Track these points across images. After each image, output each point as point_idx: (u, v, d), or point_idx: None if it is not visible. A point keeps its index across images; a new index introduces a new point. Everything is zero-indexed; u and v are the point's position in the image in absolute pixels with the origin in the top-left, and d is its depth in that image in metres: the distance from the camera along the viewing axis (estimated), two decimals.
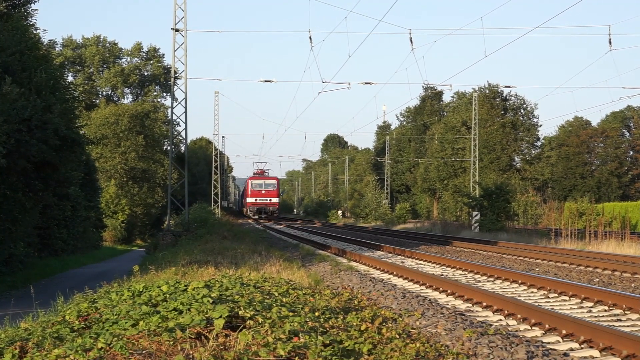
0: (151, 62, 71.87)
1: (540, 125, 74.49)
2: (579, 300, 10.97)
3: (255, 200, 71.53)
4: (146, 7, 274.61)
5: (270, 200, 71.84)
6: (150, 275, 13.85)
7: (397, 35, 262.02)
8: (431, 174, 73.64)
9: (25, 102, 17.29)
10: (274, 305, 7.65)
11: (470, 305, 10.57)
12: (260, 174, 76.04)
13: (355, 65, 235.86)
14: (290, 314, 7.27)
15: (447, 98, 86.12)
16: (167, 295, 8.13)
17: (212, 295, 7.65)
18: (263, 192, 71.47)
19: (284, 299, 8.48)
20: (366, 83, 35.37)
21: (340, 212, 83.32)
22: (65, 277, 24.95)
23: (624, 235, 28.50)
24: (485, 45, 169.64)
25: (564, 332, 8.08)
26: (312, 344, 6.01)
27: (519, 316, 9.23)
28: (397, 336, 7.17)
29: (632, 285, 13.32)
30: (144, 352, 5.79)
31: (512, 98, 70.79)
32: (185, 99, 32.28)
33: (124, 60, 71.70)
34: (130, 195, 56.91)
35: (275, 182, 73.76)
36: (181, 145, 59.74)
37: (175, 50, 31.55)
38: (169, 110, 37.18)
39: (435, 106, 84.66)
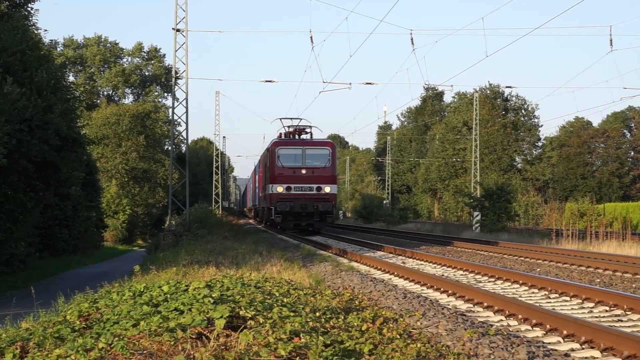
0: (152, 62, 71.90)
1: (541, 126, 74.70)
2: (580, 301, 10.97)
3: (288, 188, 33.00)
4: (147, 7, 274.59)
5: (318, 189, 33.02)
6: (151, 275, 13.85)
7: (398, 36, 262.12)
8: (432, 174, 73.67)
9: (27, 102, 17.31)
10: (275, 305, 7.65)
11: (471, 305, 10.56)
12: (297, 133, 36.05)
13: (356, 66, 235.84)
14: (291, 314, 7.27)
15: (448, 98, 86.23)
16: (168, 296, 8.13)
17: (213, 296, 7.65)
18: (303, 172, 33.10)
19: (285, 299, 8.48)
20: (367, 83, 35.37)
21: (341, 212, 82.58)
22: (66, 277, 24.96)
23: (625, 236, 28.49)
24: (487, 45, 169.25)
25: (565, 332, 8.07)
26: (313, 344, 6.01)
27: (520, 316, 9.22)
28: (398, 336, 7.17)
29: (633, 285, 13.31)
30: (144, 352, 5.79)
31: (513, 98, 70.91)
32: (186, 99, 32.33)
33: (125, 60, 71.78)
34: (131, 195, 56.96)
35: (328, 150, 33.94)
36: (182, 145, 59.77)
37: (176, 50, 31.58)
38: (170, 110, 37.22)
39: (436, 106, 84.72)
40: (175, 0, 31.05)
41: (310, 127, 35.64)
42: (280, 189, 32.89)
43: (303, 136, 35.67)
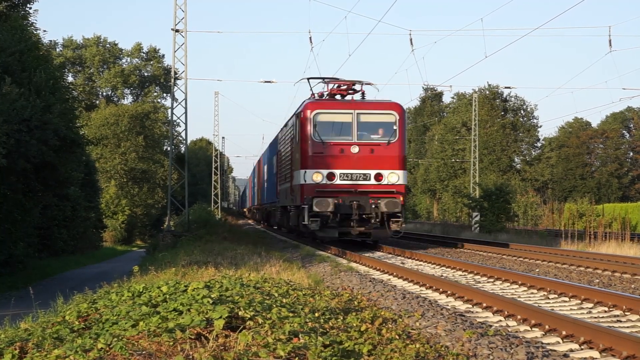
0: (151, 62, 71.92)
1: (540, 126, 74.81)
2: (579, 301, 10.96)
3: (330, 176, 21.25)
4: (146, 7, 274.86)
5: (379, 177, 21.32)
6: (150, 275, 13.85)
7: (397, 36, 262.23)
8: (431, 174, 73.70)
9: (25, 102, 17.32)
10: (274, 305, 7.65)
11: (470, 306, 10.56)
12: (341, 93, 23.36)
13: (355, 66, 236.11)
14: (290, 314, 7.27)
15: (447, 99, 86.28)
16: (167, 296, 8.13)
17: (212, 296, 7.65)
18: (355, 150, 21.25)
19: (284, 300, 8.48)
20: (366, 84, 35.26)
21: None
22: (65, 277, 24.97)
23: (624, 237, 28.49)
24: (486, 46, 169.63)
25: (564, 333, 8.07)
26: (312, 344, 6.01)
27: (519, 317, 9.22)
28: (397, 337, 7.17)
29: (632, 286, 13.31)
30: (144, 352, 5.79)
31: (512, 99, 70.99)
32: (185, 99, 32.32)
33: (124, 60, 71.83)
34: (130, 196, 56.98)
35: (394, 117, 21.60)
36: (181, 145, 59.78)
37: (175, 51, 31.57)
38: (169, 110, 37.20)
39: (435, 107, 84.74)
40: (174, 0, 31.06)
41: (362, 83, 23.23)
42: (317, 177, 21.08)
43: (350, 92, 23.26)
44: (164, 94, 70.91)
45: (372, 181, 21.23)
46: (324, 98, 23.31)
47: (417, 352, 6.57)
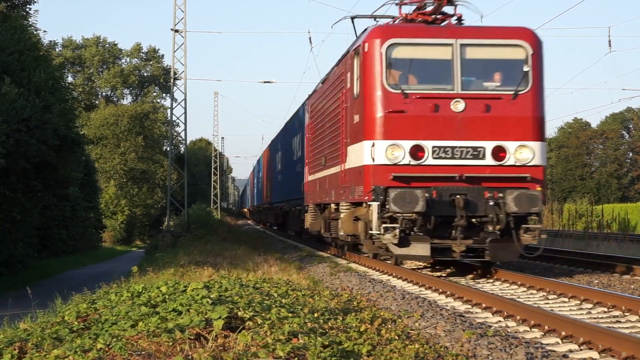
0: (151, 62, 71.94)
1: None
2: (579, 302, 10.96)
3: (416, 152, 12.28)
4: (146, 7, 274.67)
5: (499, 154, 12.42)
6: (150, 276, 13.85)
7: None
8: None
9: (25, 102, 17.33)
10: (273, 306, 7.64)
11: (470, 306, 10.56)
12: (424, 16, 13.65)
13: None
14: (290, 315, 7.27)
15: None
16: (167, 296, 8.13)
17: (212, 296, 7.65)
18: (458, 107, 12.25)
19: (283, 300, 8.48)
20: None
21: None
22: (64, 277, 24.97)
23: (623, 237, 28.48)
24: None
25: (563, 333, 8.06)
26: (311, 345, 6.01)
27: (518, 317, 9.22)
28: (397, 337, 7.16)
29: (632, 287, 13.30)
30: (143, 352, 5.79)
31: None
32: (185, 99, 32.36)
33: (123, 60, 71.86)
34: (129, 196, 56.99)
35: (523, 51, 12.40)
36: (181, 146, 59.78)
37: (174, 51, 31.60)
38: (169, 111, 37.23)
39: None
40: (174, 0, 31.07)
41: (455, 3, 14.04)
42: (395, 152, 12.59)
43: (444, 17, 14.13)
44: (164, 94, 70.95)
45: (489, 160, 12.84)
46: (402, 23, 14.38)
47: (417, 352, 6.56)
